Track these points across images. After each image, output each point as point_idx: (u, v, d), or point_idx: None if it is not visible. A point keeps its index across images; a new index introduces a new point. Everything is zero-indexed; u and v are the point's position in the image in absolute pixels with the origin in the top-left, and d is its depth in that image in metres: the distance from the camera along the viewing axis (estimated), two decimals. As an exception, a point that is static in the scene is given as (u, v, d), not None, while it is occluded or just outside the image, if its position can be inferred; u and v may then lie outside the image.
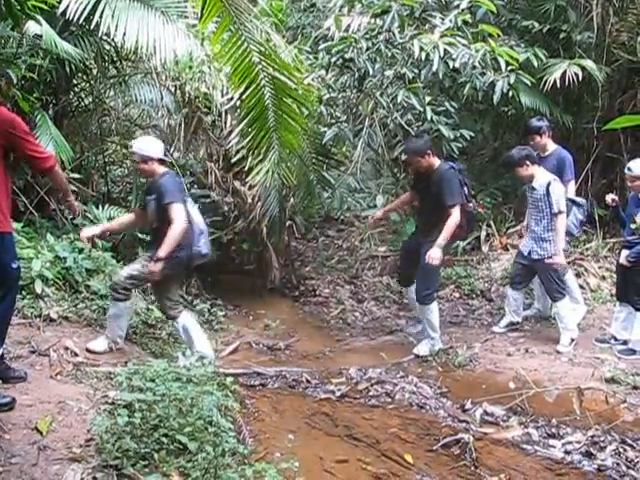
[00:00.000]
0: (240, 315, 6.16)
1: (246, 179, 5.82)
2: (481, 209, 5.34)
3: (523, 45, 6.33)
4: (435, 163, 5.05)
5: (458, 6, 5.56)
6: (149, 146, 4.47)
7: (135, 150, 4.51)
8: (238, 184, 6.23)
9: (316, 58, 6.15)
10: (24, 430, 3.15)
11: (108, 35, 5.10)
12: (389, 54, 5.62)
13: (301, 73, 5.56)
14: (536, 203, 5.15)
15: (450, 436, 3.76)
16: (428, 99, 5.66)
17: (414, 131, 5.67)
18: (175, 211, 4.26)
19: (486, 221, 7.21)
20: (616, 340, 5.09)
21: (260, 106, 4.90)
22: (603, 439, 3.72)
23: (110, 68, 6.26)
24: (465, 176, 5.12)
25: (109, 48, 5.89)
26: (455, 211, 4.87)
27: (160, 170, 4.45)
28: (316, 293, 6.79)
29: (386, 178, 7.91)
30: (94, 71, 6.11)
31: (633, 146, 7.07)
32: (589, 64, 6.20)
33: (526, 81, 5.61)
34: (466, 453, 3.57)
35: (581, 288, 6.03)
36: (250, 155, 5.31)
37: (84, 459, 2.99)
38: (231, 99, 5.82)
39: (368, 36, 5.68)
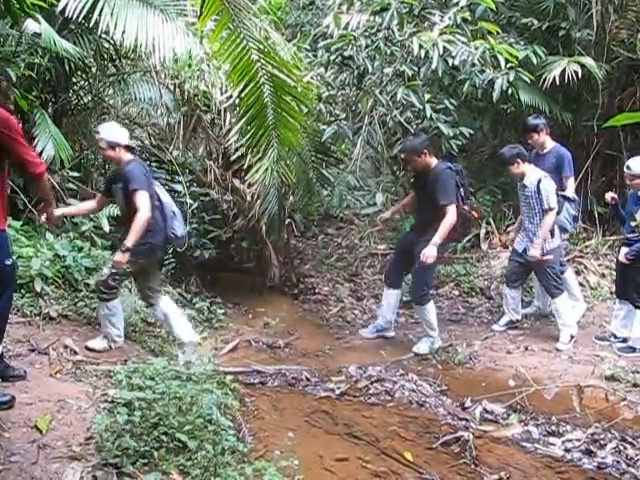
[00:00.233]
0: (239, 313, 6.15)
1: (245, 177, 5.82)
2: (475, 213, 5.31)
3: (522, 42, 6.33)
4: (432, 163, 5.05)
5: (457, 3, 5.56)
6: (116, 132, 4.43)
7: (102, 136, 4.42)
8: (237, 182, 6.22)
9: (315, 56, 6.14)
10: (24, 428, 3.15)
11: (107, 33, 5.09)
12: (388, 52, 5.61)
13: (300, 71, 5.54)
14: (528, 200, 5.15)
15: (450, 434, 3.76)
16: (427, 97, 5.66)
17: (413, 129, 5.67)
18: (140, 199, 4.23)
19: (485, 219, 7.22)
20: (616, 338, 5.09)
21: (259, 104, 4.89)
22: (603, 437, 3.72)
23: (109, 66, 6.25)
24: (462, 177, 5.09)
25: (108, 46, 5.88)
26: (451, 210, 4.86)
27: (126, 157, 4.41)
28: (315, 291, 6.78)
29: (385, 176, 7.93)
30: (93, 69, 6.09)
31: (633, 144, 7.07)
32: (589, 61, 6.20)
33: (525, 79, 5.62)
34: (466, 451, 3.58)
35: (581, 286, 6.04)
36: (249, 153, 5.31)
37: (84, 457, 2.99)
38: (230, 97, 5.82)
39: (367, 34, 5.67)
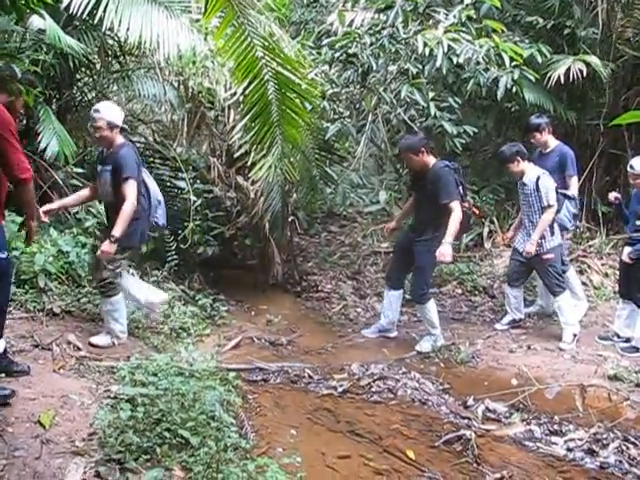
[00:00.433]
0: (242, 310, 6.15)
1: (249, 174, 5.80)
2: (475, 210, 5.30)
3: (527, 41, 6.32)
4: (430, 161, 5.01)
5: (462, 1, 5.56)
6: (116, 113, 4.28)
7: (103, 116, 4.20)
8: (241, 179, 6.21)
9: (319, 53, 6.13)
10: (27, 424, 3.16)
11: (112, 30, 5.08)
12: (393, 49, 5.61)
13: (304, 68, 5.54)
14: (527, 198, 5.14)
15: (452, 432, 3.76)
16: (432, 95, 5.65)
17: (417, 127, 5.66)
18: (130, 188, 4.18)
19: (489, 217, 7.20)
20: (619, 337, 5.08)
21: (263, 101, 4.88)
22: (606, 436, 3.72)
23: (113, 63, 6.26)
24: (461, 175, 5.06)
25: (112, 43, 5.89)
26: (456, 207, 4.82)
27: (119, 140, 4.30)
28: (318, 289, 6.77)
29: (389, 174, 7.91)
30: (97, 66, 6.10)
31: (637, 143, 7.05)
32: (594, 60, 6.18)
33: (530, 77, 5.60)
34: (468, 450, 3.57)
35: (584, 285, 6.03)
36: (253, 150, 5.30)
37: (87, 453, 3.00)
38: (234, 94, 5.80)
39: (372, 31, 5.67)
